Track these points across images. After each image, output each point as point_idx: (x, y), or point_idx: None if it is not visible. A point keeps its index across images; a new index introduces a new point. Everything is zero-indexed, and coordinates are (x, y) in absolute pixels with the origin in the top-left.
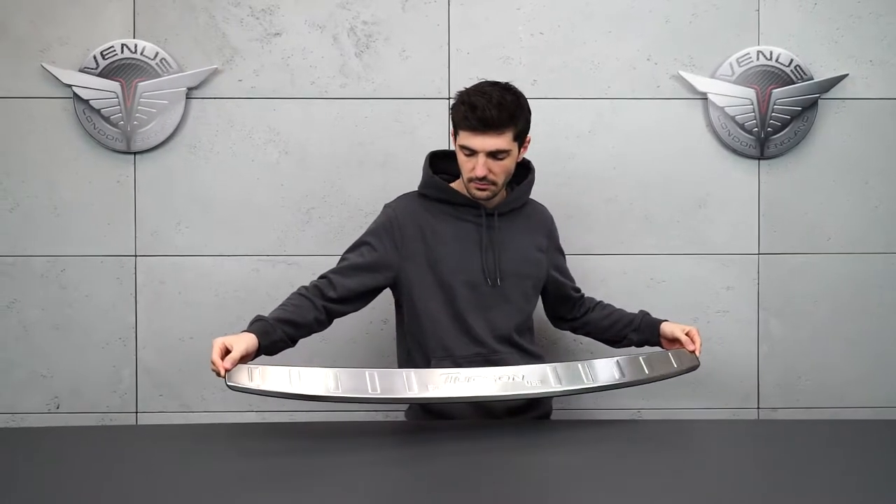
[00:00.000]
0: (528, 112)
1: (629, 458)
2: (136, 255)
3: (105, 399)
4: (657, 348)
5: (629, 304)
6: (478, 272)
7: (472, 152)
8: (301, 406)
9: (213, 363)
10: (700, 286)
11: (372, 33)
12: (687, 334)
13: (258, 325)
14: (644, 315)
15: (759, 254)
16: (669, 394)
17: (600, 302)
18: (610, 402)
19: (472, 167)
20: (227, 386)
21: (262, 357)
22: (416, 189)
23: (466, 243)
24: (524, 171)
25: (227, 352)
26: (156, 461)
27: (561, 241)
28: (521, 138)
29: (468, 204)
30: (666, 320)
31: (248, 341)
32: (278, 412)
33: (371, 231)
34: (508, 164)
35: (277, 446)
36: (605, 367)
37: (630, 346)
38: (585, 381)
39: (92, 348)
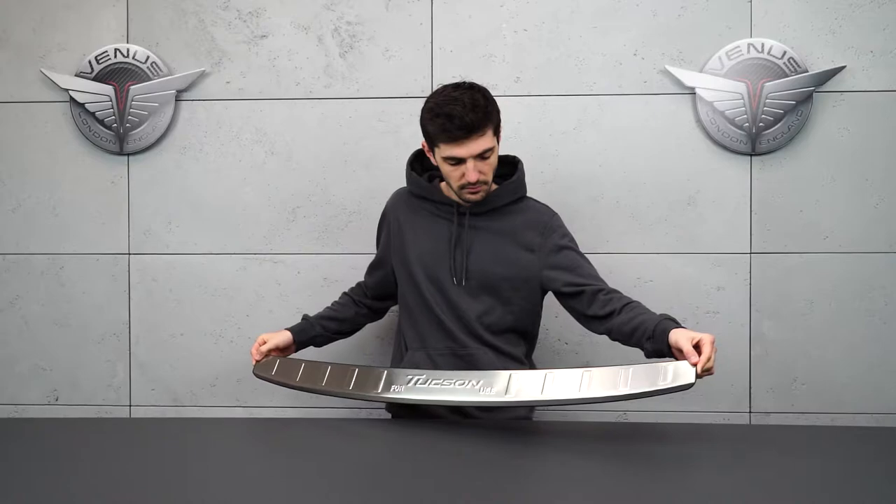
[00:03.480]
0: (496, 103)
1: (613, 463)
2: (129, 254)
3: (101, 392)
4: (669, 360)
5: None
6: (445, 270)
7: (458, 161)
8: (286, 402)
9: (251, 354)
10: (690, 286)
11: (356, 33)
12: (697, 344)
13: (298, 324)
14: (660, 321)
15: (751, 253)
16: (658, 397)
17: (630, 303)
18: (596, 404)
19: (462, 174)
20: (253, 373)
21: (312, 348)
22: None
23: (438, 241)
24: (511, 169)
25: (263, 345)
26: (146, 452)
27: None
28: (498, 131)
29: (446, 202)
30: (681, 326)
31: (282, 337)
32: (265, 408)
33: (377, 228)
34: (494, 160)
35: (262, 440)
36: (572, 379)
37: (651, 356)
38: (542, 393)
39: (89, 343)
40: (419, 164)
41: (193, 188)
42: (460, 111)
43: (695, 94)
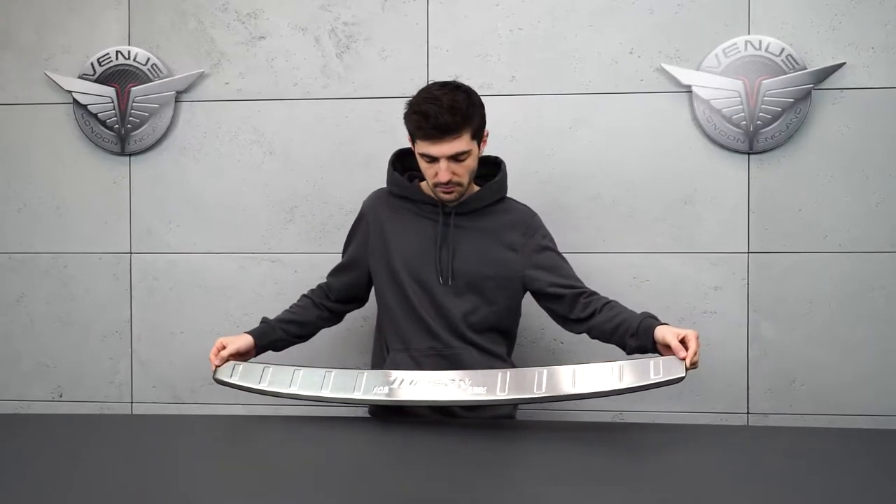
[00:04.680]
0: (482, 107)
1: (607, 464)
2: (131, 253)
3: (103, 389)
4: (655, 356)
5: None
6: (431, 270)
7: (433, 159)
8: (284, 400)
9: (210, 359)
10: (686, 286)
11: (352, 34)
12: (682, 340)
13: (259, 327)
14: (644, 318)
15: (748, 252)
16: (653, 396)
17: (609, 302)
18: (590, 403)
19: (436, 173)
20: (213, 379)
21: (270, 353)
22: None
23: (423, 241)
24: (494, 169)
25: (223, 349)
26: (147, 449)
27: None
28: (478, 135)
29: (428, 202)
30: (665, 323)
31: (243, 341)
32: (264, 405)
33: (350, 229)
34: (471, 163)
35: (260, 436)
36: (564, 375)
37: (633, 353)
38: (535, 390)
39: (91, 341)
40: (399, 164)
41: (193, 188)
42: (436, 111)
43: (691, 92)
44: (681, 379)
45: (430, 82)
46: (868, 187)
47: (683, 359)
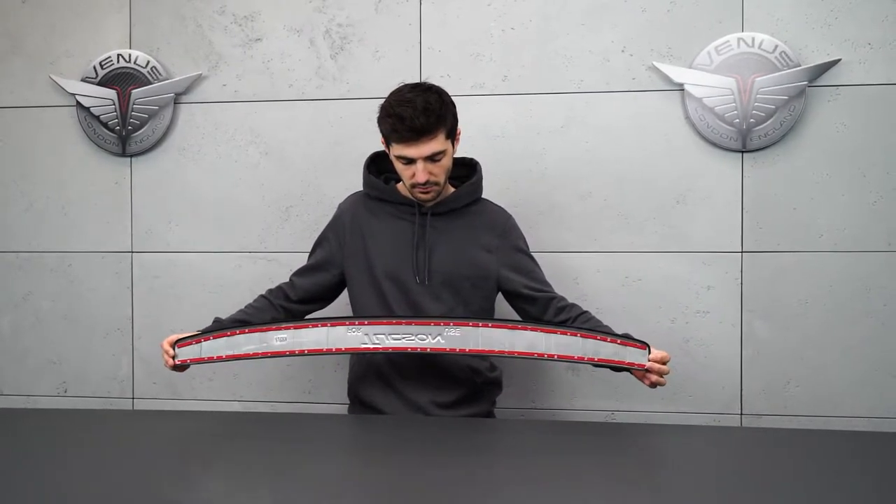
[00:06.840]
0: (454, 106)
1: (597, 464)
2: (132, 252)
3: (106, 385)
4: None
5: (604, 304)
6: (408, 270)
7: (409, 161)
8: (280, 398)
9: (162, 347)
10: (679, 285)
11: (346, 35)
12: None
13: (211, 326)
14: (624, 336)
15: (742, 252)
16: (645, 396)
17: (586, 312)
18: (581, 403)
19: (413, 174)
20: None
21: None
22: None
23: (400, 242)
24: (471, 171)
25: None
26: (147, 443)
27: (532, 240)
28: (452, 134)
29: (406, 203)
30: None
31: None
32: (260, 402)
33: (324, 230)
34: (446, 162)
35: (257, 433)
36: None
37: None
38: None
39: (95, 338)
40: (375, 167)
41: (192, 188)
42: (410, 113)
43: (683, 90)
44: (642, 361)
45: (401, 84)
46: (865, 186)
47: (652, 360)
